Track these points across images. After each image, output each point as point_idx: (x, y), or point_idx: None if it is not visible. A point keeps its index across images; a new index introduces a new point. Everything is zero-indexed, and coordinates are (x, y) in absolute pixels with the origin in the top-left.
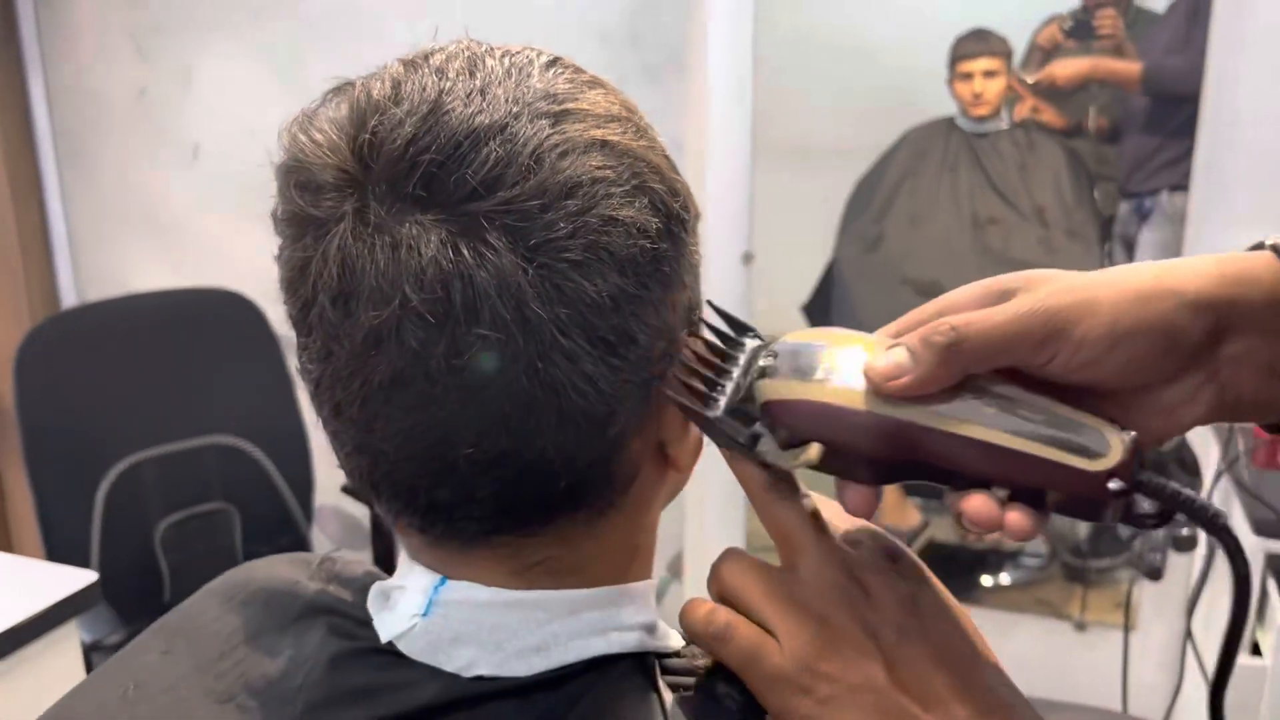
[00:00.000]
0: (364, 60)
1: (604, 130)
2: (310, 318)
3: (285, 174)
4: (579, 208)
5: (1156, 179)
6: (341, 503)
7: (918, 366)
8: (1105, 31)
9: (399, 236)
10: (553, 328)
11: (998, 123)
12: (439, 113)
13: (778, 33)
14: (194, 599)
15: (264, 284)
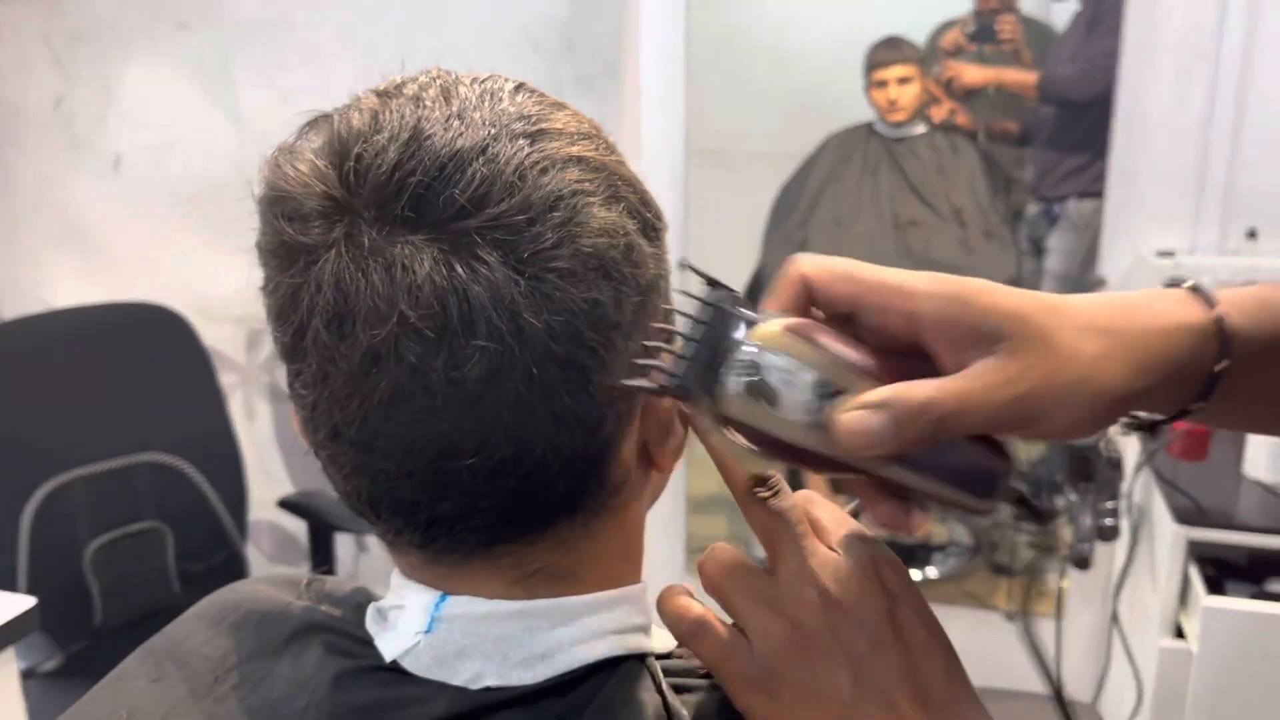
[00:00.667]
0: (293, 71)
1: (578, 147)
2: (304, 343)
3: (269, 205)
4: (562, 219)
5: (1064, 185)
6: (277, 518)
7: (893, 440)
8: (1006, 36)
9: (392, 257)
10: (546, 336)
11: (914, 128)
12: (420, 138)
13: (707, 42)
14: (178, 623)
15: (192, 297)
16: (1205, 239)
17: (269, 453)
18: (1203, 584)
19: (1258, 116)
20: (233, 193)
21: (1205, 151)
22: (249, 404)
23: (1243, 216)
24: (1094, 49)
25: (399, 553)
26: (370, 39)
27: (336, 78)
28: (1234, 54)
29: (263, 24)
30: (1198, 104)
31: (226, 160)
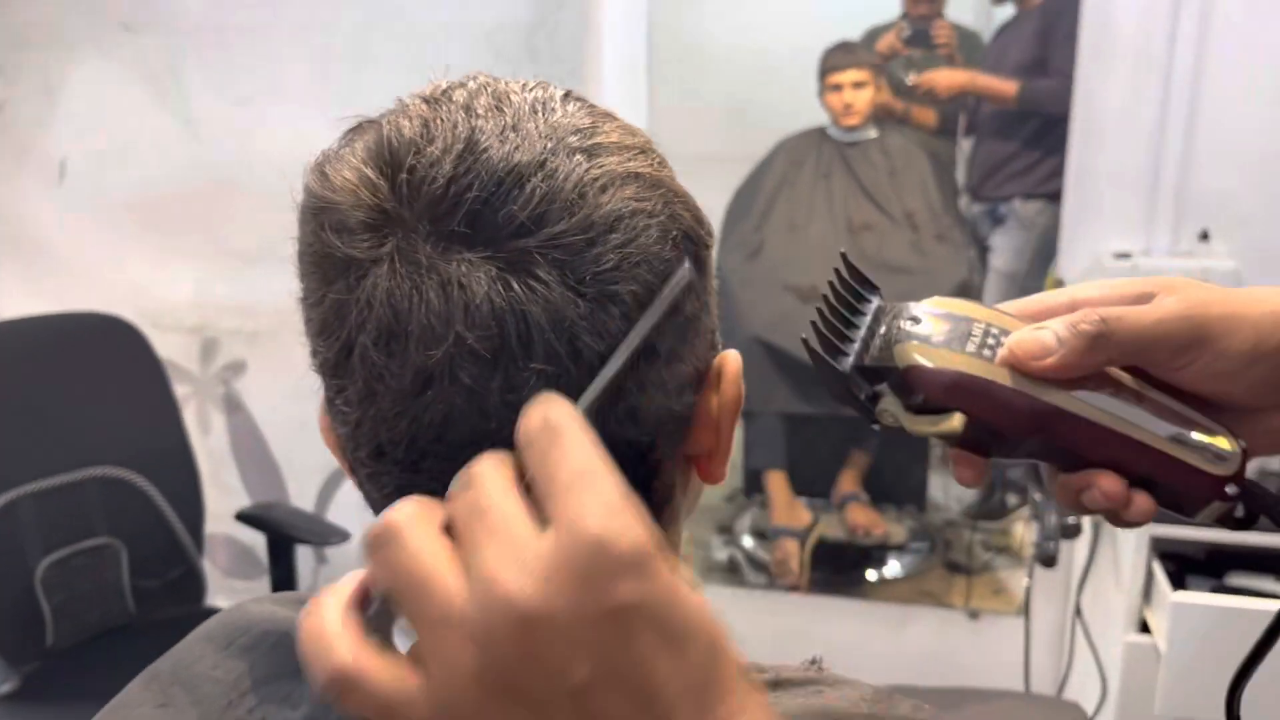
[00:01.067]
0: (246, 75)
1: (635, 162)
2: (351, 360)
3: (314, 215)
4: (622, 240)
5: (1008, 187)
6: (233, 531)
7: (1062, 349)
8: (941, 41)
9: (448, 274)
10: (601, 360)
11: (867, 132)
12: (476, 150)
13: (666, 47)
14: (183, 646)
15: (143, 306)
16: (1159, 241)
17: (224, 465)
18: (1167, 580)
19: (1208, 122)
20: (185, 199)
21: (1158, 156)
22: (203, 415)
23: (1195, 219)
24: (1066, 63)
25: None
26: (326, 42)
27: (292, 82)
28: (1186, 62)
29: (214, 27)
30: (1151, 110)
31: (178, 166)
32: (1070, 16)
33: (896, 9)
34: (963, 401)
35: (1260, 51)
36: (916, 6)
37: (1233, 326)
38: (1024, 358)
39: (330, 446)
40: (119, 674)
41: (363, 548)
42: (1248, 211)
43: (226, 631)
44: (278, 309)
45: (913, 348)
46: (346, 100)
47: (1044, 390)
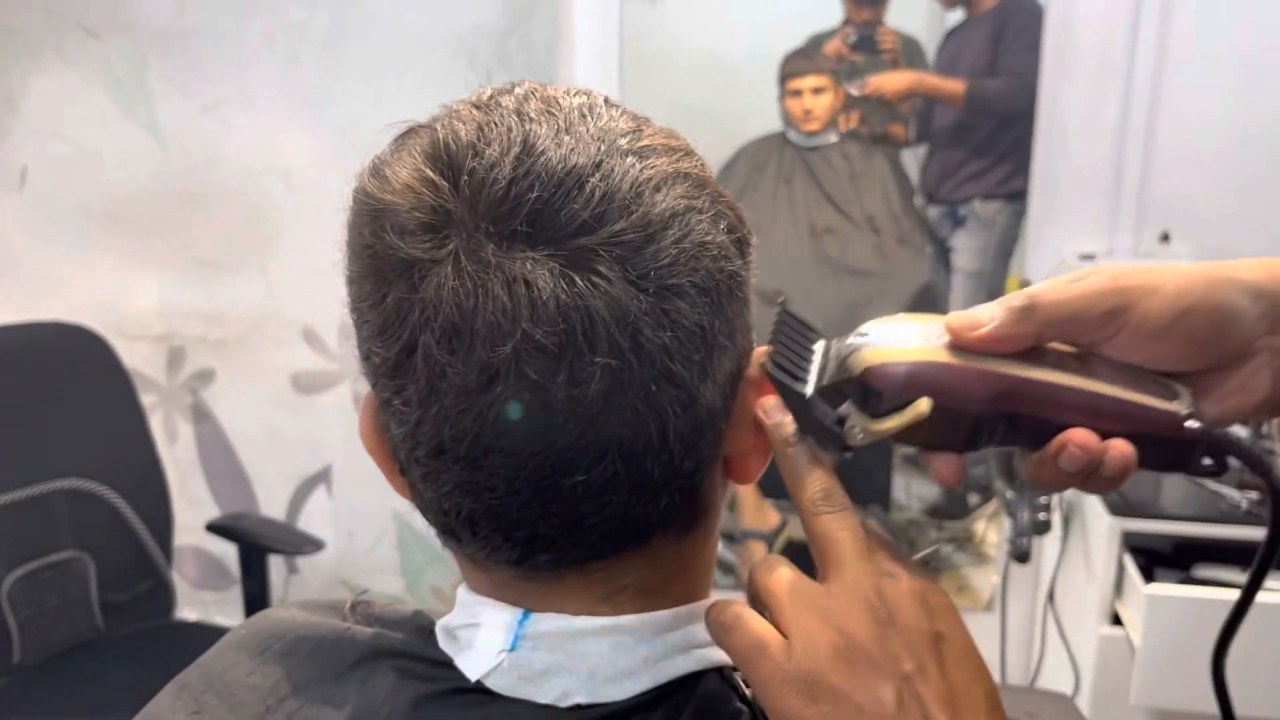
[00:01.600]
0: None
1: (683, 163)
2: (413, 360)
3: (372, 218)
4: (677, 236)
5: (966, 189)
6: (202, 542)
7: (993, 321)
8: (886, 46)
9: (513, 272)
10: (663, 354)
11: (827, 136)
12: (533, 153)
13: (635, 52)
14: (213, 654)
15: (108, 315)
16: (1122, 242)
17: (192, 475)
18: (1139, 573)
19: (1168, 126)
20: (150, 206)
21: (1120, 159)
22: (170, 425)
23: (1156, 221)
24: (1016, 64)
25: (484, 570)
26: (295, 49)
27: (261, 89)
28: (1146, 67)
29: (180, 32)
30: (1112, 114)
31: (143, 172)
32: (1021, 18)
33: (839, 15)
34: (923, 389)
35: (1219, 57)
36: (859, 12)
37: (1151, 290)
38: (961, 329)
39: (372, 449)
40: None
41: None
42: (1207, 213)
43: (259, 638)
44: (246, 316)
45: (865, 353)
46: (316, 107)
47: (996, 363)
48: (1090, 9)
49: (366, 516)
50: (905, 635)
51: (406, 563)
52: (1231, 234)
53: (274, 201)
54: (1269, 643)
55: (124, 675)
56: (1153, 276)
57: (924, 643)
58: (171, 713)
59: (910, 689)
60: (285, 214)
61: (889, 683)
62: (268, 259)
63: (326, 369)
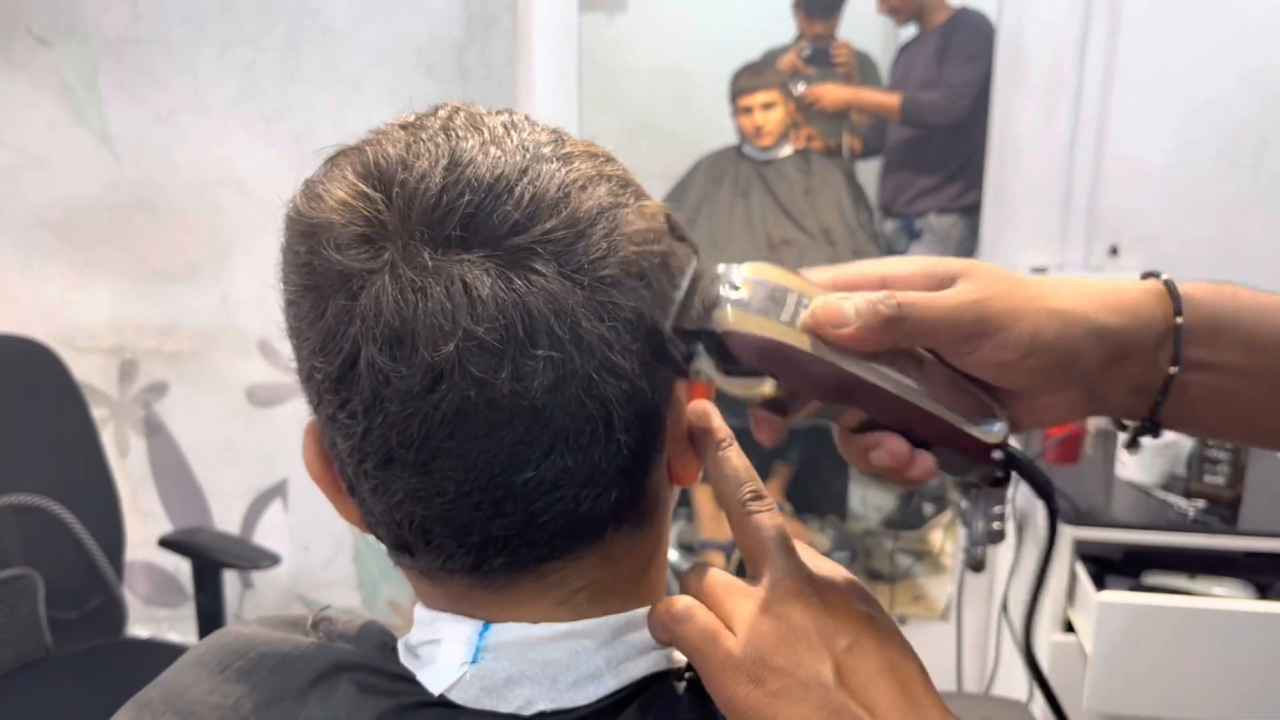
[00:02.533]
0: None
1: (606, 167)
2: (355, 371)
3: (306, 236)
4: (606, 230)
5: (921, 203)
6: (155, 558)
7: (858, 322)
8: (840, 60)
9: (450, 274)
10: (603, 344)
11: (781, 150)
12: (462, 163)
13: (596, 65)
14: (173, 672)
15: (56, 327)
16: (1072, 255)
17: (144, 490)
18: (1090, 581)
19: (1116, 141)
20: (102, 215)
21: (1071, 174)
22: (121, 439)
23: (1105, 235)
24: (954, 76)
25: (438, 582)
26: (251, 58)
27: (216, 97)
28: (1094, 85)
29: (134, 40)
30: (1062, 129)
31: (95, 182)
32: (965, 32)
33: (793, 30)
34: (773, 366)
35: (1164, 75)
36: (812, 26)
37: (1013, 321)
38: (824, 323)
39: (317, 475)
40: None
41: (683, 581)
42: (1154, 228)
43: (220, 656)
44: (201, 328)
45: (730, 314)
46: (272, 117)
47: (846, 359)
48: (1041, 28)
49: (323, 530)
50: (838, 616)
51: (363, 576)
52: (1176, 247)
53: (228, 212)
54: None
55: (74, 694)
56: (1015, 302)
57: (856, 622)
58: None
59: (849, 664)
60: (240, 224)
61: (828, 660)
62: (222, 270)
63: (282, 381)
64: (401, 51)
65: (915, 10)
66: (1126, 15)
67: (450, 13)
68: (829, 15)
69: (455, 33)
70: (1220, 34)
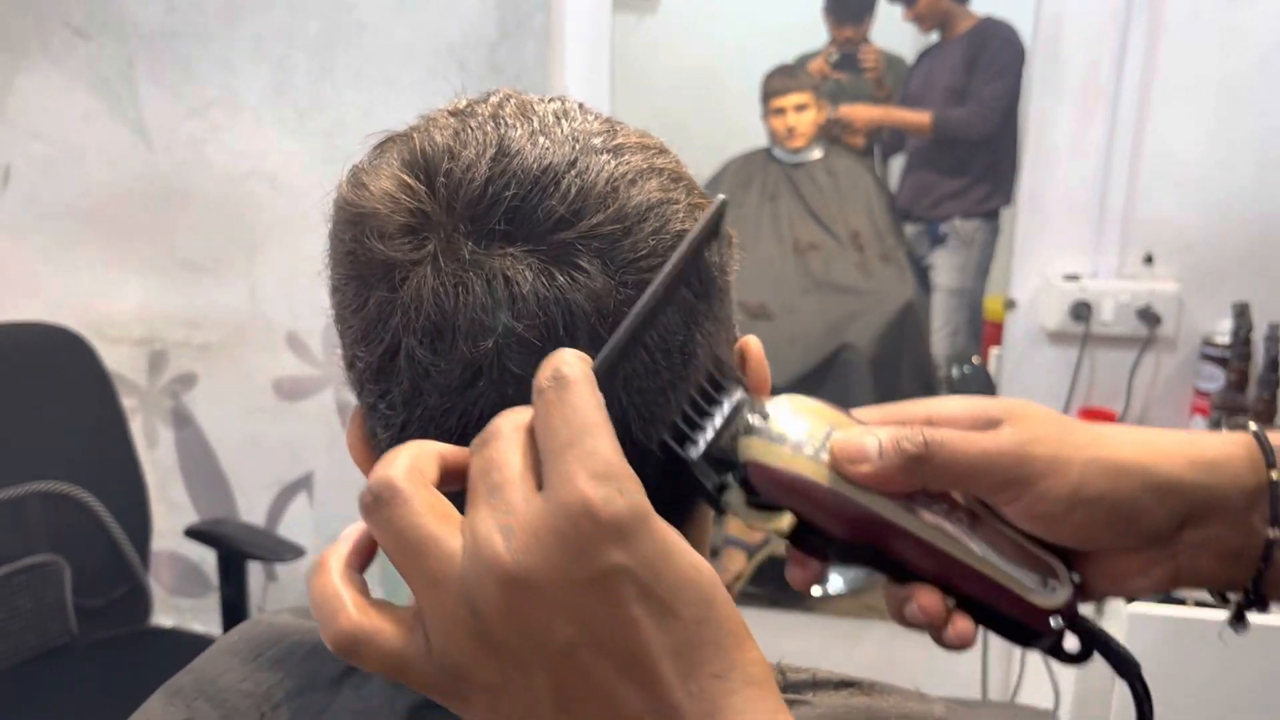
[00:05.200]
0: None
1: (658, 159)
2: (396, 362)
3: (351, 224)
4: (655, 227)
5: (945, 208)
6: (179, 548)
7: (880, 461)
8: (868, 65)
9: (492, 269)
10: (641, 345)
11: (811, 153)
12: (509, 154)
13: (625, 63)
14: (205, 659)
15: (88, 317)
16: (1106, 264)
17: (171, 480)
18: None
19: (1152, 149)
20: (135, 207)
21: (1105, 182)
22: (150, 429)
23: (1140, 243)
24: (985, 91)
25: None
26: (284, 53)
27: (249, 91)
28: (1131, 91)
29: (169, 34)
30: (1099, 138)
31: (128, 174)
32: (995, 45)
33: (824, 35)
34: (793, 501)
35: (1202, 83)
36: (841, 31)
37: (1055, 469)
38: (842, 459)
39: (360, 461)
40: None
41: (360, 507)
42: (1189, 236)
43: (252, 644)
44: (229, 321)
45: (754, 443)
46: (305, 112)
47: (871, 498)
48: (1078, 33)
49: (347, 524)
50: (550, 595)
51: (388, 573)
52: (1212, 256)
53: (259, 205)
54: None
55: (98, 682)
56: (1060, 450)
57: (581, 595)
58: (162, 718)
59: (571, 667)
60: (270, 218)
61: (540, 668)
62: (252, 263)
63: (310, 375)
64: (433, 49)
65: (940, 18)
66: (1165, 21)
67: (483, 11)
68: (859, 20)
69: (487, 31)
70: (1260, 40)
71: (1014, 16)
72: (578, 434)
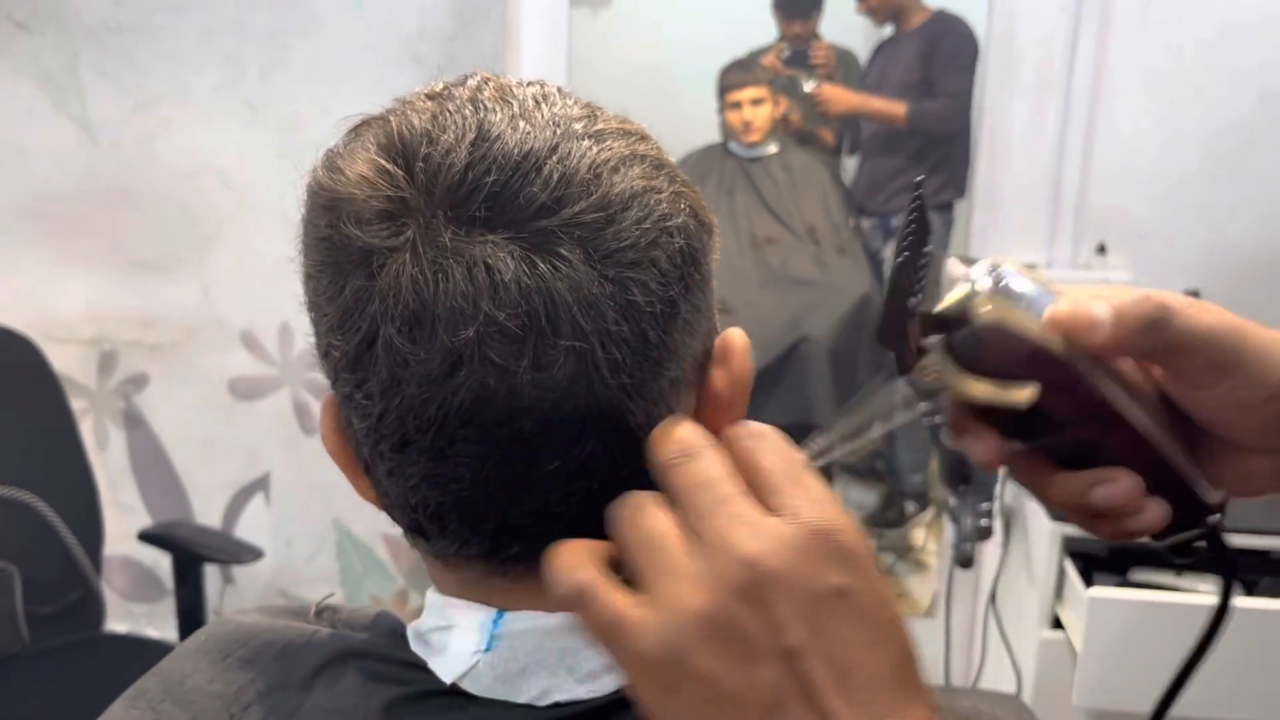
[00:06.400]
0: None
1: (639, 146)
2: (373, 351)
3: (326, 210)
4: (639, 216)
5: (896, 202)
6: (133, 552)
7: (1117, 326)
8: (819, 61)
9: (473, 257)
10: (628, 334)
11: (767, 147)
12: (489, 139)
13: (583, 58)
14: (171, 661)
15: (34, 317)
16: (1060, 254)
17: (123, 483)
18: (1080, 577)
19: (1104, 140)
20: (81, 204)
21: (1059, 172)
22: (100, 431)
23: (1094, 232)
24: (953, 86)
25: (453, 567)
26: (235, 45)
27: (199, 85)
28: (1084, 83)
29: (115, 27)
30: (1052, 129)
31: (74, 170)
32: (953, 40)
33: (774, 30)
34: (1034, 375)
35: (1153, 73)
36: (790, 27)
37: (1265, 358)
38: (1074, 330)
39: (334, 451)
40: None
41: (610, 517)
42: (1141, 226)
43: (221, 644)
44: (182, 320)
45: (996, 305)
46: (257, 107)
47: (1101, 376)
48: (1031, 26)
49: (306, 525)
50: (792, 597)
51: (347, 572)
52: (1163, 246)
53: (211, 202)
54: None
55: (51, 690)
56: (1268, 337)
57: (816, 604)
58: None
59: (794, 668)
60: (223, 215)
61: (767, 664)
62: (205, 261)
63: (266, 374)
64: (389, 42)
65: (893, 10)
66: (1116, 14)
67: (439, 4)
68: (807, 16)
69: (444, 24)
70: (1209, 33)
71: (967, 10)
72: (794, 470)
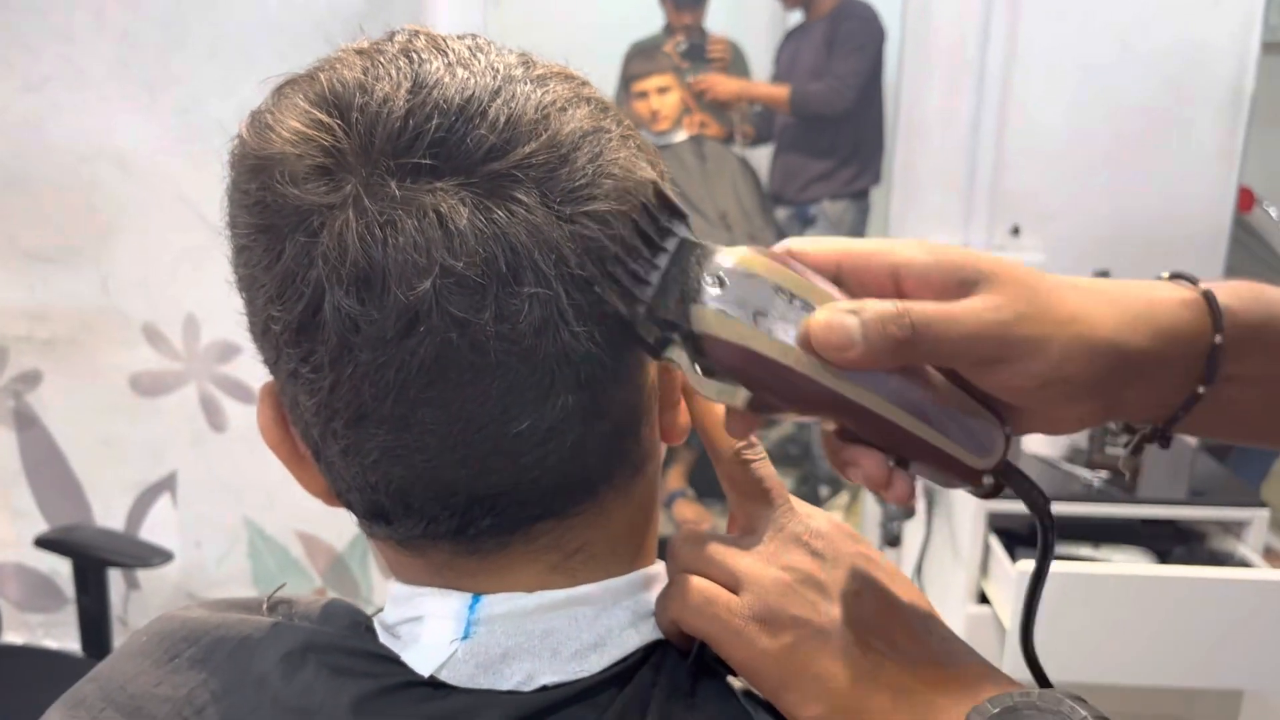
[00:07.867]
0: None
1: (582, 89)
2: (319, 317)
3: (256, 173)
4: (591, 155)
5: (813, 190)
6: (27, 559)
7: (865, 345)
8: (715, 55)
9: (422, 205)
10: (590, 280)
11: (677, 135)
12: (427, 85)
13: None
14: (110, 664)
15: None
16: (976, 236)
17: (15, 486)
18: (1005, 552)
19: (1017, 123)
20: None
21: (974, 155)
22: None
23: (1007, 215)
24: (841, 67)
25: (418, 552)
26: (130, 25)
27: (93, 65)
28: (996, 64)
29: (1, 4)
30: (966, 112)
31: None
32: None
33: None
34: (750, 377)
35: (1063, 57)
36: (680, 17)
37: (1037, 350)
38: (826, 345)
39: (274, 443)
40: None
41: (670, 550)
42: (1051, 208)
43: (166, 644)
44: (78, 314)
45: (709, 314)
46: (155, 88)
47: (834, 379)
48: (945, 9)
49: (215, 526)
50: (840, 561)
51: (259, 572)
52: (1073, 227)
53: (108, 188)
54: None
55: None
56: (1043, 333)
57: (859, 565)
58: None
59: (859, 606)
60: (122, 202)
61: (839, 604)
62: (103, 251)
63: (170, 369)
64: (296, 22)
65: None
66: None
67: None
68: (696, 5)
69: (355, 3)
70: (1116, 18)
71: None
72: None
